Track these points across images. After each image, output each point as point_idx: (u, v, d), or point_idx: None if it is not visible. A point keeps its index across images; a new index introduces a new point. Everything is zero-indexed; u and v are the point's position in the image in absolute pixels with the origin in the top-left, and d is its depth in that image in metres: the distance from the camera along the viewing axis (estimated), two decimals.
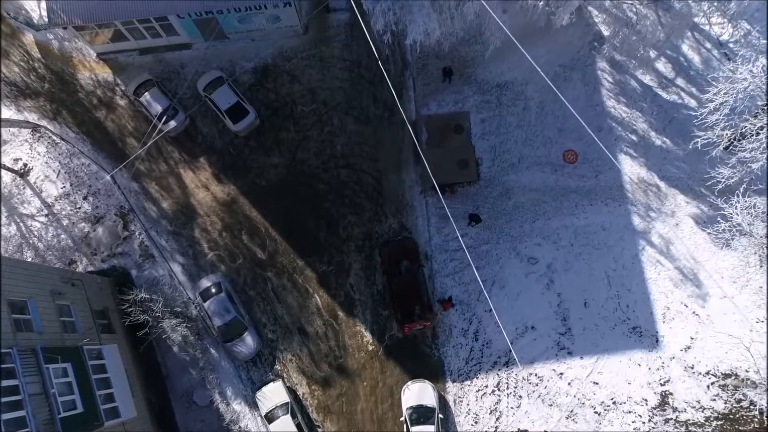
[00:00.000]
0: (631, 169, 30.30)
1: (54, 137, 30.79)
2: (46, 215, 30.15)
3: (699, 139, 26.40)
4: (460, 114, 31.00)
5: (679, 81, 31.00)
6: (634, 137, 30.58)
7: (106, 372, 24.28)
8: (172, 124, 29.92)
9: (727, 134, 25.42)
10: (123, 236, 29.89)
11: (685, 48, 31.05)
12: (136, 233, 30.00)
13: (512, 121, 30.77)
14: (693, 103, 30.58)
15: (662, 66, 31.04)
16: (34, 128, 30.86)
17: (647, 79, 31.00)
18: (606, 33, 30.89)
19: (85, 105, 31.08)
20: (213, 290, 28.34)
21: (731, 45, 30.64)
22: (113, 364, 24.91)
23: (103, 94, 31.23)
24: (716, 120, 25.58)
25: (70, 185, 30.46)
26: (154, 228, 30.12)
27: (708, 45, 31.02)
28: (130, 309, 25.89)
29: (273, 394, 27.80)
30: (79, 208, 30.24)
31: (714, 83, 25.45)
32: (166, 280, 29.43)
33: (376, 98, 31.13)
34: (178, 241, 29.99)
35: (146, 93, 30.07)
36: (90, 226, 30.10)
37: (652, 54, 30.29)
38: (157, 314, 25.97)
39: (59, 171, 30.55)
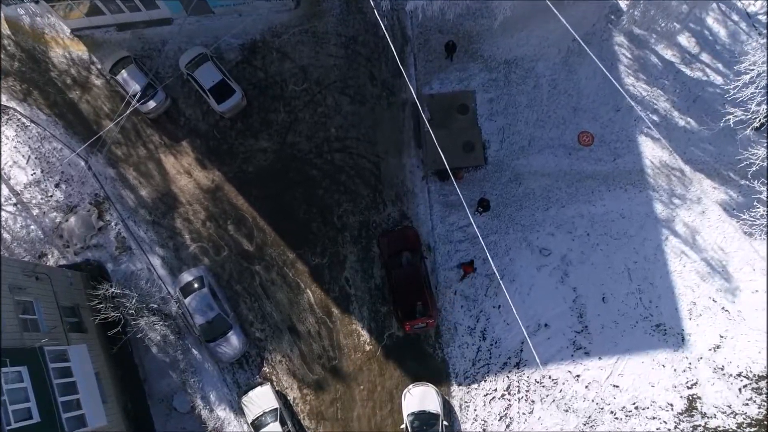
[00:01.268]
0: (652, 152, 27.78)
1: (23, 120, 28.38)
2: (15, 204, 27.70)
3: (731, 116, 24.00)
4: (465, 93, 28.53)
5: (704, 56, 28.48)
6: (655, 117, 28.06)
7: (72, 376, 21.74)
8: (152, 104, 27.49)
9: (763, 109, 22.92)
10: (98, 227, 27.41)
11: (709, 21, 28.56)
12: (112, 223, 27.53)
13: (522, 101, 28.28)
14: (719, 80, 28.11)
15: (685, 40, 28.54)
16: (2, 110, 28.39)
17: (669, 54, 28.51)
18: (624, 5, 28.51)
19: (57, 85, 28.67)
20: (195, 285, 25.84)
21: (760, 17, 28.21)
22: (81, 367, 22.37)
23: (77, 73, 28.82)
24: (751, 94, 23.17)
25: (41, 172, 28.01)
26: (131, 218, 27.65)
27: (735, 17, 28.52)
28: (100, 305, 23.35)
29: (261, 399, 25.28)
30: (51, 196, 27.78)
31: (745, 55, 23.10)
32: (144, 274, 26.95)
33: (373, 76, 28.67)
34: (158, 232, 27.50)
35: (123, 71, 27.61)
36: (62, 215, 27.63)
37: (675, 27, 27.81)
38: (131, 311, 23.43)
39: (29, 156, 28.11)
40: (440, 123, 28.27)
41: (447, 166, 21.49)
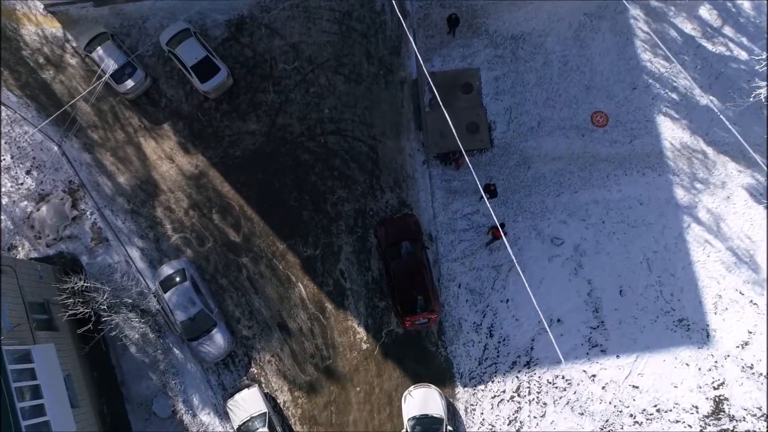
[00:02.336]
0: (672, 133, 25.69)
1: None
2: None
3: (762, 90, 21.93)
4: (469, 71, 26.44)
5: (727, 30, 26.41)
6: (674, 96, 25.96)
7: (36, 378, 19.61)
8: (130, 83, 25.39)
9: None
10: (72, 216, 25.30)
11: None
12: (88, 213, 25.42)
13: (530, 79, 26.19)
14: (744, 55, 26.11)
15: (706, 13, 26.51)
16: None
17: (689, 28, 26.44)
18: None
19: (29, 65, 26.57)
20: (175, 279, 23.73)
21: None
22: (47, 369, 20.24)
23: (51, 51, 26.73)
24: None
25: (11, 157, 25.90)
26: (108, 206, 25.54)
27: None
28: (69, 300, 21.23)
29: (248, 403, 23.15)
30: (21, 184, 25.68)
31: None
32: (122, 267, 24.83)
33: (370, 54, 26.58)
34: (137, 222, 25.40)
35: (99, 47, 25.53)
36: (33, 204, 25.52)
37: None
38: (103, 307, 21.30)
39: None
40: (442, 103, 26.14)
41: (461, 147, 19.54)
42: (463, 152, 20.40)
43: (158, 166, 25.82)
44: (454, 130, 19.42)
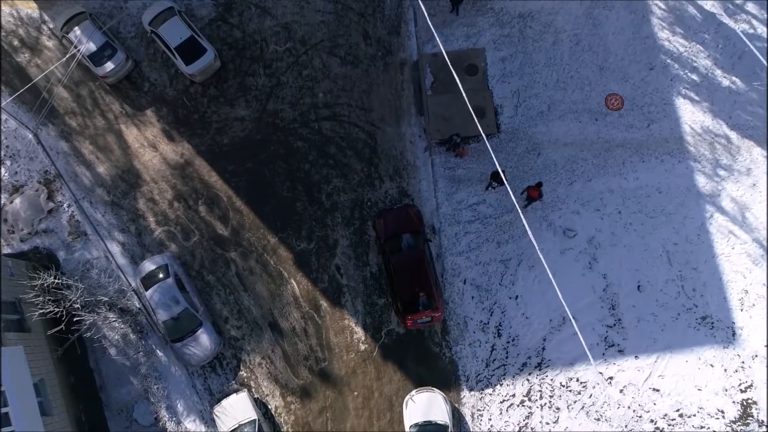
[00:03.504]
0: (692, 116, 23.91)
1: None
2: None
3: None
4: (474, 51, 24.70)
5: (750, 6, 24.66)
6: (694, 77, 24.18)
7: (0, 384, 17.83)
8: (109, 66, 23.64)
9: None
10: (47, 209, 23.55)
11: None
12: (65, 205, 23.67)
13: (540, 59, 24.43)
14: None
15: None
16: None
17: (708, 4, 24.73)
18: None
19: (2, 48, 24.82)
20: (158, 275, 21.94)
21: None
22: (14, 373, 18.45)
23: (26, 33, 25.00)
24: None
25: None
26: (87, 198, 23.79)
27: None
28: (38, 298, 19.46)
29: (236, 409, 21.37)
30: None
31: None
32: (101, 263, 23.06)
33: (367, 34, 24.83)
34: (118, 215, 23.63)
35: (76, 28, 23.80)
36: (6, 196, 23.79)
37: None
38: (76, 305, 19.53)
39: None
40: (445, 86, 24.45)
41: (481, 130, 17.56)
42: (485, 136, 18.47)
43: (140, 155, 24.08)
44: (472, 111, 17.44)
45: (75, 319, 20.24)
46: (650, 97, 24.04)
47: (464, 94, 17.69)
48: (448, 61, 17.47)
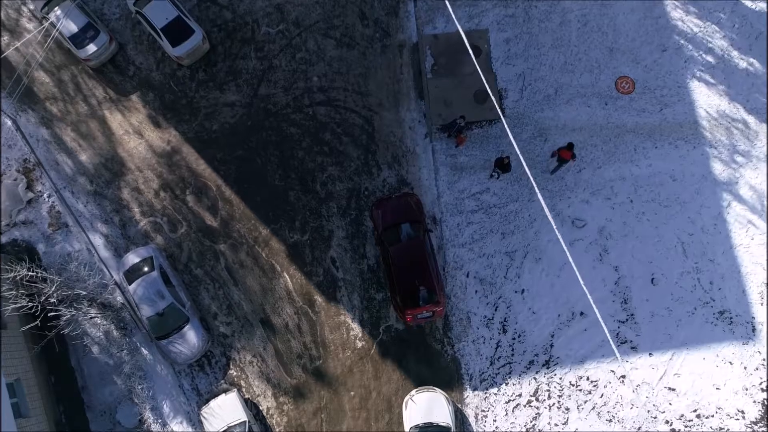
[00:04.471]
0: (707, 99, 22.65)
1: None
2: None
3: None
4: (477, 33, 23.45)
5: None
6: (710, 58, 22.92)
7: None
8: (92, 48, 22.39)
9: None
10: (26, 199, 22.30)
11: None
12: (45, 195, 22.42)
13: (546, 41, 23.18)
14: None
15: None
16: None
17: None
18: None
19: None
20: (142, 268, 20.68)
21: None
22: None
23: (5, 15, 23.80)
24: None
25: None
26: (68, 188, 22.53)
27: None
28: (12, 292, 18.20)
29: (225, 410, 20.11)
30: None
31: None
32: (83, 256, 21.78)
33: (364, 15, 23.58)
34: (101, 205, 22.38)
35: (57, 8, 22.55)
36: None
37: None
38: (52, 300, 18.26)
39: None
40: (447, 69, 23.20)
41: (499, 111, 16.26)
42: (501, 114, 17.20)
43: (125, 142, 22.82)
44: (489, 90, 16.08)
45: (51, 315, 18.92)
46: (663, 79, 22.78)
47: (478, 68, 16.29)
48: (465, 39, 16.05)
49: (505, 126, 14.96)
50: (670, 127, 22.43)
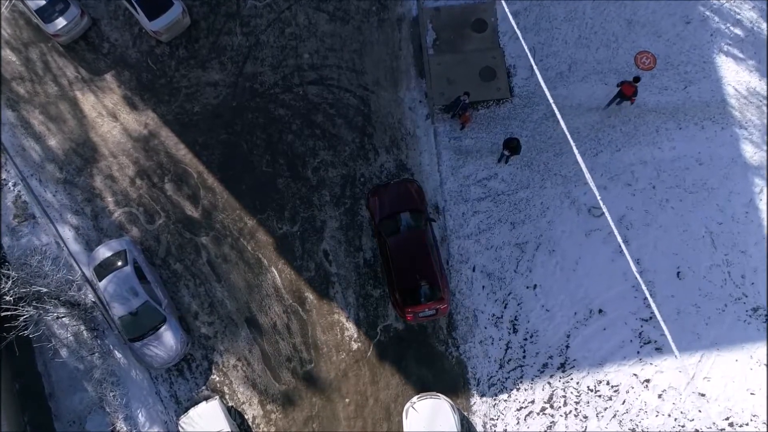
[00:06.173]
0: (736, 76, 20.69)
1: None
2: None
3: None
4: (482, 5, 21.51)
5: None
6: (738, 30, 20.95)
7: None
8: (61, 22, 20.49)
9: None
10: None
11: None
12: (10, 183, 20.52)
13: (558, 13, 21.24)
14: None
15: None
16: None
17: None
18: None
19: None
20: (115, 263, 18.71)
21: None
22: None
23: None
24: None
25: None
26: (36, 176, 20.61)
27: None
28: None
29: (206, 420, 18.14)
30: None
31: None
32: (51, 250, 19.84)
33: None
34: (71, 195, 20.45)
35: None
36: None
37: None
38: (8, 298, 16.30)
39: None
40: (449, 45, 21.24)
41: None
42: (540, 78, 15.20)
43: (98, 126, 20.89)
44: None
45: (9, 315, 16.97)
46: (687, 54, 20.81)
47: (521, 36, 14.25)
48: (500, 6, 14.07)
49: (541, 81, 12.82)
50: (695, 106, 20.45)
